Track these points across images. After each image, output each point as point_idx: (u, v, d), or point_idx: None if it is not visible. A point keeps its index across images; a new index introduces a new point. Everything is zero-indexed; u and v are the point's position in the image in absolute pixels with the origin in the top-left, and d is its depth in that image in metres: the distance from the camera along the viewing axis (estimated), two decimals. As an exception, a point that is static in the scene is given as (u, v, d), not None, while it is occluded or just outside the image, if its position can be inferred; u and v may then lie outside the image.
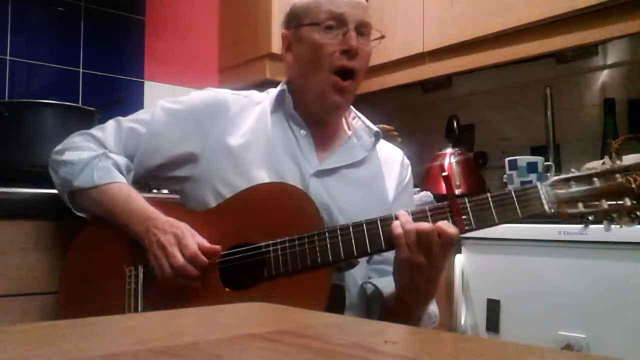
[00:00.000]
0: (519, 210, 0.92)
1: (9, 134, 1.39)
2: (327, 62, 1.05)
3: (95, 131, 1.13)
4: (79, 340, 0.44)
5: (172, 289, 0.97)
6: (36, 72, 1.87)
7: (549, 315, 1.34)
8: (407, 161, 1.24)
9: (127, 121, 1.14)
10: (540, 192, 0.91)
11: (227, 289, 0.98)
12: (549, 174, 1.65)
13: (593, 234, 1.27)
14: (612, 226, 0.89)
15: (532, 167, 1.62)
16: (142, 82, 2.11)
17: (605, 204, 0.88)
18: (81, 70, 1.96)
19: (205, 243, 0.97)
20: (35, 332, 0.47)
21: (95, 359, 0.36)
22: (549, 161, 1.72)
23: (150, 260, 0.98)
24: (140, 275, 1.02)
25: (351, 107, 1.21)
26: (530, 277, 1.39)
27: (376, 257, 1.13)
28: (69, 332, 0.47)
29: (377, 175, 1.16)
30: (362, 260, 1.09)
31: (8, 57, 1.81)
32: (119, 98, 1.63)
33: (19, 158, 1.38)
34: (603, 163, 1.50)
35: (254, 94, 1.18)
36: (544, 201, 0.91)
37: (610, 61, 1.88)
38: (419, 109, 2.41)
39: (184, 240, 0.96)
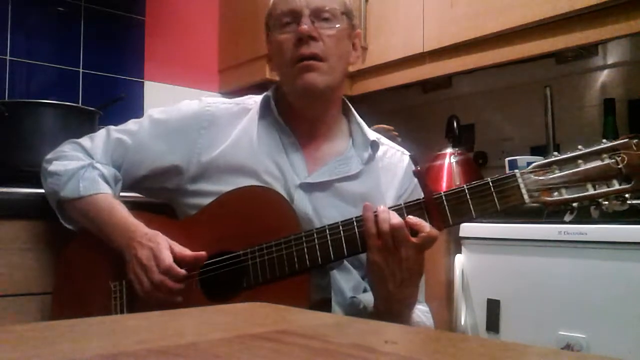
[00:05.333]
0: (497, 202, 0.86)
1: (9, 134, 1.39)
2: (288, 56, 1.04)
3: (84, 141, 1.13)
4: (79, 340, 0.44)
5: (155, 304, 0.95)
6: (36, 72, 1.87)
7: (549, 315, 1.34)
8: (413, 167, 1.19)
9: (115, 131, 1.13)
10: (519, 180, 0.85)
11: (207, 300, 0.96)
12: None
13: (593, 234, 1.27)
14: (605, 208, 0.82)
15: (532, 167, 1.62)
16: (142, 82, 2.11)
17: (591, 189, 0.81)
18: (81, 70, 1.96)
19: (185, 252, 0.96)
20: (35, 332, 0.47)
21: (95, 359, 0.36)
22: (549, 161, 1.72)
23: (129, 276, 0.98)
24: (124, 291, 1.02)
25: (353, 111, 1.17)
26: (530, 277, 1.39)
27: None
28: (69, 332, 0.47)
29: (374, 190, 1.10)
30: (353, 273, 1.06)
31: (8, 57, 1.81)
32: (119, 98, 1.62)
33: (19, 158, 1.38)
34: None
35: (249, 99, 1.15)
36: (523, 190, 0.84)
37: (610, 61, 1.88)
38: (419, 109, 2.41)
39: (159, 253, 0.94)
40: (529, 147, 2.00)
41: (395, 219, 0.88)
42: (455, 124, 2.05)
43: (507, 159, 1.69)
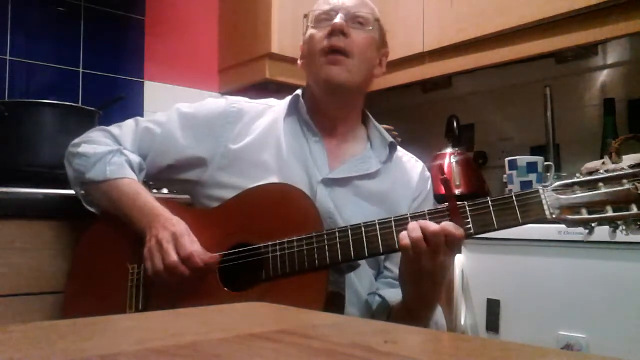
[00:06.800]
0: (519, 216, 0.88)
1: (9, 134, 1.39)
2: (318, 47, 1.09)
3: (113, 128, 1.16)
4: (79, 340, 0.44)
5: (167, 287, 0.97)
6: (36, 72, 1.87)
7: (549, 315, 1.34)
8: (427, 174, 1.22)
9: (144, 121, 1.17)
10: (542, 197, 0.88)
11: (225, 290, 0.98)
12: (549, 174, 1.64)
13: (593, 234, 1.27)
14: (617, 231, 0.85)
15: (532, 167, 1.62)
16: (142, 82, 2.11)
17: (610, 211, 0.84)
18: (81, 70, 1.96)
19: (200, 250, 0.97)
20: (35, 332, 0.47)
21: (95, 359, 0.36)
22: (549, 161, 1.72)
23: (144, 254, 0.99)
24: (142, 274, 1.03)
25: (372, 119, 1.20)
26: (530, 277, 1.39)
27: (385, 273, 1.12)
28: (69, 332, 0.47)
29: (391, 189, 1.14)
30: (367, 273, 1.08)
31: (8, 57, 1.81)
32: (119, 98, 1.62)
33: (19, 158, 1.38)
34: (603, 163, 1.50)
35: (272, 101, 1.20)
36: (546, 207, 0.87)
37: (610, 61, 1.88)
38: (419, 109, 2.41)
39: (182, 239, 0.96)
40: (529, 147, 2.00)
41: (434, 226, 0.89)
42: (455, 124, 2.05)
43: (507, 159, 1.69)
